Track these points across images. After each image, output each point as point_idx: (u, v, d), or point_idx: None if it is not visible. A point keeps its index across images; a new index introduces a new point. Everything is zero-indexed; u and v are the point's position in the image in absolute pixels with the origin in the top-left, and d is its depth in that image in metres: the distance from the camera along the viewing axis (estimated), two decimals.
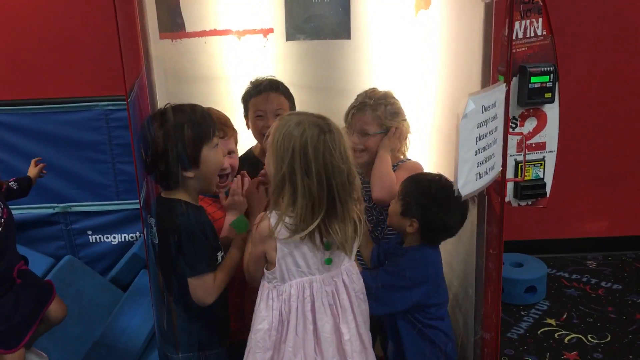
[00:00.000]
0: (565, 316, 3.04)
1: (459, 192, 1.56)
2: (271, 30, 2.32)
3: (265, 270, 1.68)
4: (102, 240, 3.09)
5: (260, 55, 2.29)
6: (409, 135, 2.12)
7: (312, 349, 1.67)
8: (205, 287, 1.71)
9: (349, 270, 1.72)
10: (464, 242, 2.14)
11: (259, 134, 2.18)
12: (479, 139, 1.59)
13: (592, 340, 2.84)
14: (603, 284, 3.34)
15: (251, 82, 2.24)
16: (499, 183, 1.78)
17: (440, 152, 2.23)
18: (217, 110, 1.98)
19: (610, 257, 3.63)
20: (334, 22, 2.33)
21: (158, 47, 2.00)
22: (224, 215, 1.96)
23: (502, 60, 1.71)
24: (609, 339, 2.85)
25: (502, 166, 1.76)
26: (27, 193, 2.46)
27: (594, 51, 3.29)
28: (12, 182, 2.39)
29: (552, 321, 3.01)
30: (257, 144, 2.27)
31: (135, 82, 1.86)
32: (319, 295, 1.67)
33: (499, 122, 1.69)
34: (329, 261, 1.66)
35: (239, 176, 1.91)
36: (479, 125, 1.57)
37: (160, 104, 2.01)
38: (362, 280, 1.76)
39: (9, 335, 2.18)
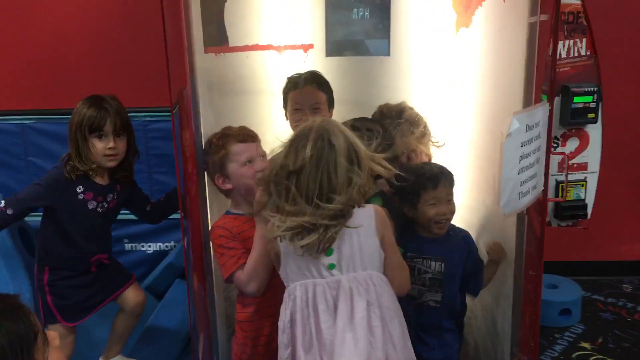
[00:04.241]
0: (600, 340, 2.99)
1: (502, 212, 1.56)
2: (311, 46, 2.34)
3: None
4: (138, 248, 3.14)
5: (300, 70, 2.31)
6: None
7: (317, 353, 1.66)
8: None
9: (364, 279, 1.67)
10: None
11: (297, 127, 2.21)
12: (522, 157, 1.58)
13: None
14: (639, 308, 3.28)
15: (289, 77, 2.29)
16: (540, 203, 1.77)
17: (477, 169, 2.22)
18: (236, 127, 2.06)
19: None
20: (374, 38, 2.34)
21: (203, 60, 2.03)
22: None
23: (545, 79, 1.71)
24: None
25: (543, 186, 1.75)
26: (175, 204, 2.41)
27: (637, 71, 3.25)
28: (161, 198, 2.50)
29: (587, 345, 2.95)
30: None
31: (180, 94, 1.90)
32: (322, 299, 1.67)
33: (542, 142, 1.68)
34: (332, 266, 1.66)
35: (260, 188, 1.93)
36: (522, 144, 1.57)
37: (204, 116, 2.05)
38: (387, 295, 1.68)
39: (70, 311, 2.32)
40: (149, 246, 3.13)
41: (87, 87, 3.27)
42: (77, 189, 2.25)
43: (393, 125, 2.09)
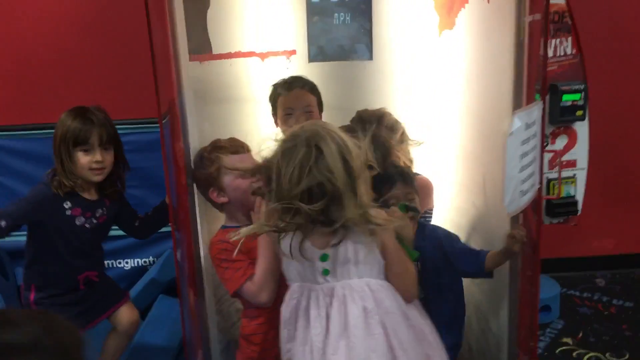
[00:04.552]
0: (581, 335, 3.03)
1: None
2: (294, 52, 2.33)
3: None
4: (115, 265, 3.05)
5: (283, 76, 2.29)
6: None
7: (306, 355, 1.66)
8: None
9: (360, 286, 1.63)
10: None
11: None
12: (522, 156, 1.59)
13: (610, 358, 2.84)
14: (614, 301, 3.35)
15: (274, 84, 2.26)
16: (536, 201, 1.78)
17: (466, 170, 2.23)
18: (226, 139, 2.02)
19: (617, 275, 3.64)
20: (356, 43, 2.34)
21: (188, 69, 1.98)
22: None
23: (537, 78, 1.72)
24: (627, 356, 2.85)
25: (539, 184, 1.76)
26: (164, 216, 2.32)
27: (603, 71, 3.32)
28: (149, 212, 2.41)
29: (568, 340, 3.00)
30: None
31: (172, 103, 1.85)
32: (315, 305, 1.66)
33: (538, 140, 1.70)
34: (326, 272, 1.64)
35: (259, 197, 1.87)
36: (522, 143, 1.58)
37: (191, 125, 2.00)
38: (390, 300, 1.65)
39: None
40: (127, 262, 3.04)
41: (54, 102, 3.17)
42: (65, 205, 2.18)
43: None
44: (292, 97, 2.20)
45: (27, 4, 3.10)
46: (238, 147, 1.98)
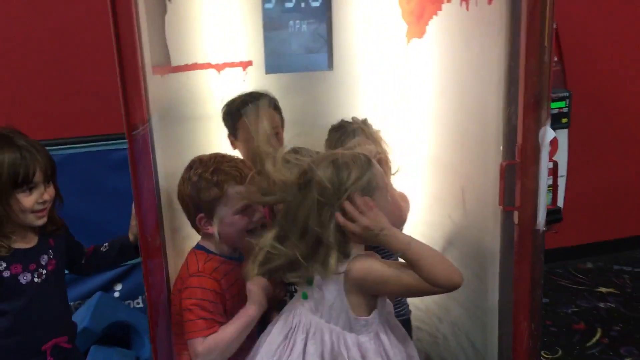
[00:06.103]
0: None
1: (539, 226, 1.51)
2: (250, 63, 2.14)
3: None
4: None
5: (240, 89, 2.09)
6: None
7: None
8: None
9: (322, 330, 1.54)
10: (477, 274, 2.06)
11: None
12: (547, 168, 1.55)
13: (546, 356, 2.91)
14: None
15: (230, 102, 2.05)
16: None
17: (441, 182, 2.16)
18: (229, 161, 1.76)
19: None
20: (314, 52, 2.20)
21: (150, 82, 1.71)
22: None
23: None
24: (560, 353, 2.94)
25: None
26: (126, 256, 1.95)
27: None
28: (105, 246, 1.94)
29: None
30: None
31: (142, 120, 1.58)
32: (285, 316, 1.61)
33: None
34: (304, 295, 1.57)
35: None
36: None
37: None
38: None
39: None
40: None
41: None
42: None
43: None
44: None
45: None
46: (244, 174, 1.67)
